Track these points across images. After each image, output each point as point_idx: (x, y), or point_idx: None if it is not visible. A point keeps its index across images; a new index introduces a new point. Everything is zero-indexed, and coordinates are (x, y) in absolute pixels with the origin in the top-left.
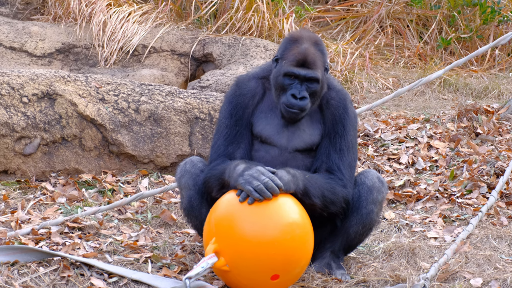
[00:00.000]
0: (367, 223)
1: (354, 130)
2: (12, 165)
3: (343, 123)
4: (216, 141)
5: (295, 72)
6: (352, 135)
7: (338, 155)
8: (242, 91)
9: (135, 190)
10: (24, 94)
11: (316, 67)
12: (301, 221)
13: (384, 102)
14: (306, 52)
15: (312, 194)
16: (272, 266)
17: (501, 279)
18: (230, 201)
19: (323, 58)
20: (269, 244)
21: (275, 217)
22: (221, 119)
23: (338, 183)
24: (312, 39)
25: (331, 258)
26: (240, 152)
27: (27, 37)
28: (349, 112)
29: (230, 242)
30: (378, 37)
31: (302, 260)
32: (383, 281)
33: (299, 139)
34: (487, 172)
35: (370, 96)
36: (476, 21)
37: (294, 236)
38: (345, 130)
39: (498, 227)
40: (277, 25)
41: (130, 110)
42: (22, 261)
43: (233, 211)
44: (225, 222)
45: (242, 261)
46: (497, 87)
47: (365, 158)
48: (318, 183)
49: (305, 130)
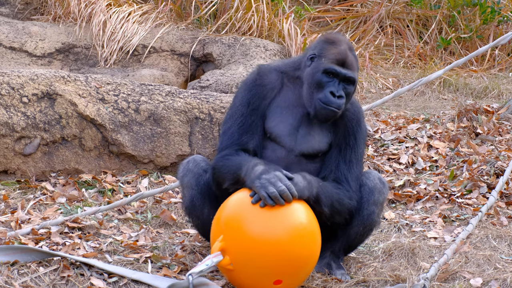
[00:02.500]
0: (368, 224)
1: (363, 144)
2: (12, 165)
3: (355, 136)
4: (229, 127)
5: (336, 70)
6: (362, 148)
7: (347, 166)
8: (263, 81)
9: (135, 190)
10: (24, 94)
11: (354, 69)
12: (310, 227)
13: (384, 102)
14: (346, 53)
15: (323, 202)
16: (277, 269)
17: (501, 279)
18: (242, 201)
19: (357, 64)
20: (276, 247)
21: (284, 221)
22: (237, 106)
23: (346, 194)
24: (348, 44)
25: (331, 258)
26: (253, 143)
27: (27, 37)
28: (362, 126)
29: (238, 242)
30: (378, 37)
31: (307, 265)
32: (383, 281)
33: (308, 144)
34: (487, 172)
35: (370, 96)
36: (476, 21)
37: (302, 241)
38: (356, 143)
39: (498, 227)
40: (276, 25)
41: (130, 110)
42: (22, 261)
43: (243, 212)
44: (235, 221)
45: (247, 262)
46: (497, 87)
47: (365, 158)
48: (329, 192)
49: (315, 136)
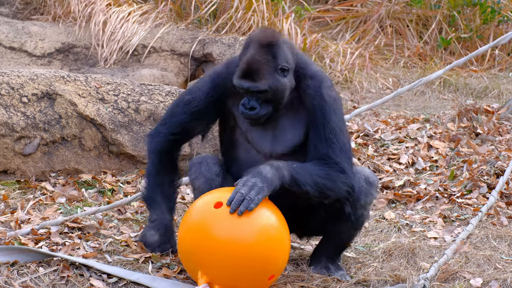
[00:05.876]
0: (358, 226)
1: (337, 114)
2: (12, 165)
3: (322, 111)
4: (174, 110)
5: (240, 85)
6: (335, 120)
7: (325, 144)
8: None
9: (135, 190)
10: (24, 94)
11: (260, 77)
12: (270, 223)
13: (384, 102)
14: (249, 60)
15: (302, 182)
16: (264, 268)
17: (501, 279)
18: (203, 228)
19: (274, 63)
20: (249, 261)
21: (248, 227)
22: (196, 91)
23: (334, 168)
24: (263, 42)
25: (328, 261)
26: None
27: (27, 37)
28: (326, 98)
29: (219, 271)
30: (378, 37)
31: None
32: (383, 281)
33: (281, 144)
34: (487, 172)
35: (370, 96)
36: (476, 21)
37: (268, 237)
38: (325, 118)
39: (498, 227)
40: (276, 25)
41: (130, 110)
42: (21, 262)
43: (211, 236)
44: (207, 254)
45: (232, 278)
46: (497, 87)
47: (365, 158)
48: (309, 170)
49: (287, 129)
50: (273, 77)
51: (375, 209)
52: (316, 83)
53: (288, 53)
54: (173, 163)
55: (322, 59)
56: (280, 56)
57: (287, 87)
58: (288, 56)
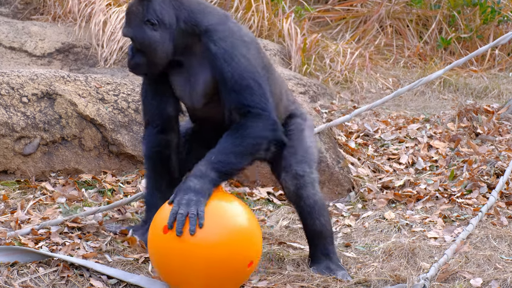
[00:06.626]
0: (318, 209)
1: (243, 48)
2: (12, 165)
3: (219, 62)
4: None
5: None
6: (236, 65)
7: (235, 93)
8: None
9: (135, 190)
10: (24, 94)
11: (129, 25)
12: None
13: (384, 102)
14: (127, 9)
15: (231, 168)
16: (235, 267)
17: (501, 279)
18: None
19: (142, 15)
20: (223, 263)
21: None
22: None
23: (248, 120)
24: None
25: (328, 261)
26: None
27: (27, 37)
28: (230, 41)
29: (199, 282)
30: (378, 37)
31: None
32: (383, 281)
33: (197, 95)
34: (487, 172)
35: (370, 96)
36: (476, 21)
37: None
38: (223, 68)
39: (498, 227)
40: (276, 25)
41: (130, 110)
42: (21, 262)
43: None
44: (179, 276)
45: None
46: (497, 87)
47: (365, 158)
48: (229, 149)
49: (199, 75)
50: (140, 27)
51: (375, 209)
52: (210, 35)
53: (168, 9)
54: (168, 162)
55: (322, 59)
56: (150, 10)
57: (158, 41)
58: (163, 12)
